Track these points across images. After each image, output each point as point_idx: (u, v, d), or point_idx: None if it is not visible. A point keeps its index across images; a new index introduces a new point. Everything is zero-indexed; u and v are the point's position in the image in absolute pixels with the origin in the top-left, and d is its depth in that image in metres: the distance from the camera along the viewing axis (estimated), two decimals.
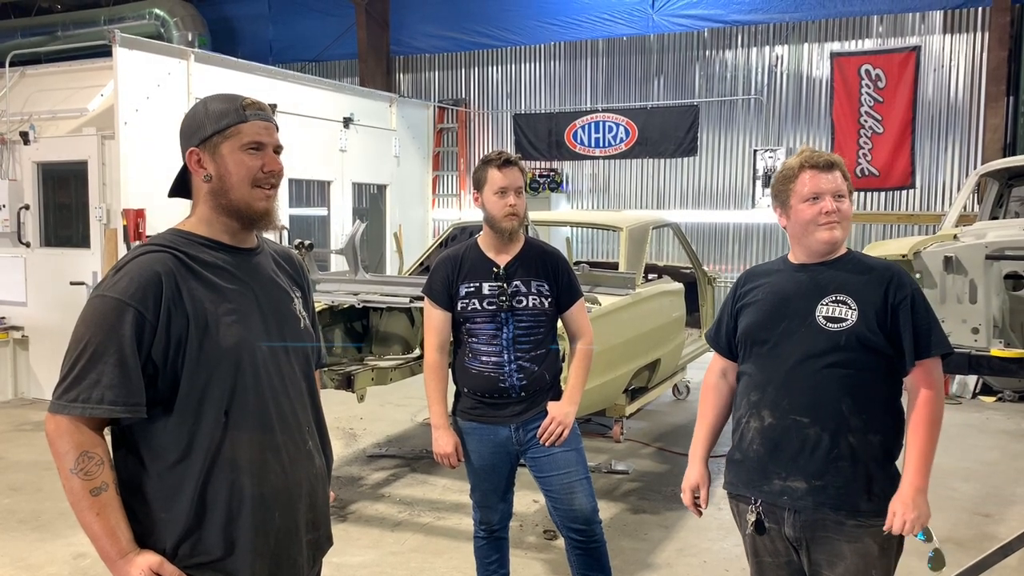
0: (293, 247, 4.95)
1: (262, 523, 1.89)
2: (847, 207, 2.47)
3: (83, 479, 1.77)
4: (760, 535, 2.51)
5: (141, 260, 1.83)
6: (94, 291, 1.85)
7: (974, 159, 9.64)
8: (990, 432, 7.05)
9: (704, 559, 4.50)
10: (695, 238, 10.65)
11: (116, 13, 12.90)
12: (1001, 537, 4.00)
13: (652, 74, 11.31)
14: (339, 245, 9.21)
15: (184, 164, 1.94)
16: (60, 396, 1.78)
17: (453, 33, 12.49)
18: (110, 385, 1.76)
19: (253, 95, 1.99)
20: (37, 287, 7.83)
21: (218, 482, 1.85)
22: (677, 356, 6.74)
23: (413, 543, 4.68)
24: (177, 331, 1.80)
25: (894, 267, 2.48)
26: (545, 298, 3.30)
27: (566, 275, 3.37)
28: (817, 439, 2.39)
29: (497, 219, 3.25)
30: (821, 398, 2.40)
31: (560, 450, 3.29)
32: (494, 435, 3.32)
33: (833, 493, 2.38)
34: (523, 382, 3.28)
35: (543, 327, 3.32)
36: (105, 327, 1.78)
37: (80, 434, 1.77)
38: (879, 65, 9.98)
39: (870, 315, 2.38)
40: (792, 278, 2.51)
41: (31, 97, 8.17)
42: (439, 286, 3.34)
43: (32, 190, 7.86)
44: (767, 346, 2.49)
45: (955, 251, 5.10)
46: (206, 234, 1.92)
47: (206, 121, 1.90)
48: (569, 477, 3.30)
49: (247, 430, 1.88)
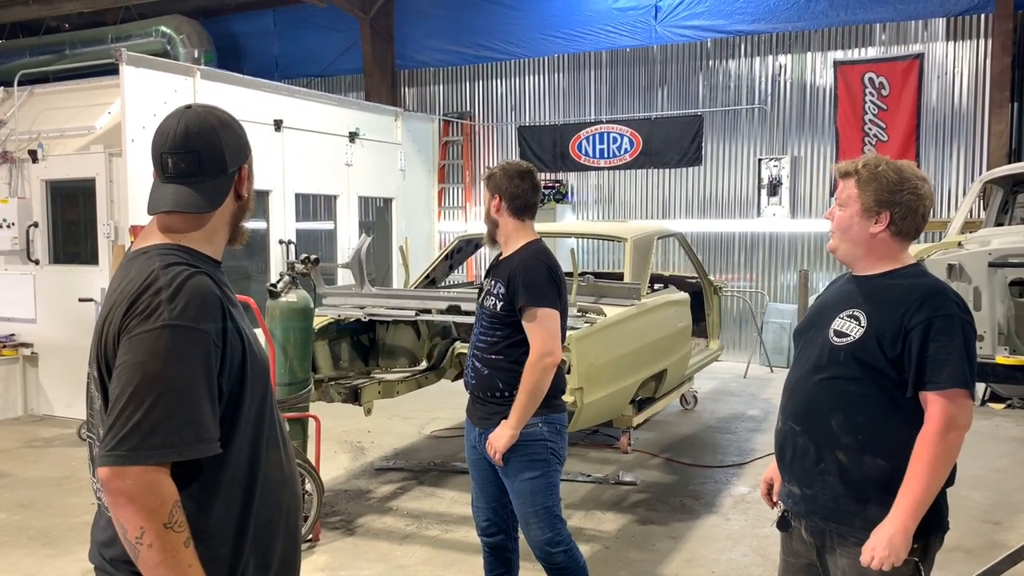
0: (299, 261, 4.98)
1: (296, 532, 1.96)
2: (839, 216, 2.41)
3: (177, 532, 1.61)
4: (783, 531, 2.54)
5: (195, 283, 1.71)
6: (150, 321, 1.66)
7: (979, 166, 9.63)
8: (999, 439, 7.02)
9: (712, 570, 4.49)
10: (700, 248, 10.65)
11: (123, 31, 12.99)
12: (1010, 545, 3.98)
13: (656, 85, 11.34)
14: (345, 259, 9.24)
15: (227, 179, 1.85)
16: (139, 444, 1.58)
17: (457, 47, 12.55)
18: (200, 422, 1.63)
19: (259, 111, 2.00)
20: (46, 304, 7.88)
21: (270, 502, 1.84)
22: (684, 366, 6.74)
23: (421, 556, 4.68)
24: (237, 355, 1.75)
25: (928, 289, 2.29)
26: (499, 300, 3.30)
27: (518, 279, 3.26)
28: (805, 448, 2.42)
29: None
30: (813, 409, 2.40)
31: (516, 478, 3.28)
32: (470, 431, 3.48)
33: (822, 504, 2.38)
34: (473, 381, 3.40)
35: (499, 330, 3.32)
36: (185, 360, 1.64)
37: (166, 483, 1.61)
38: (883, 73, 9.99)
39: (879, 334, 2.28)
40: (841, 288, 2.50)
41: (39, 116, 8.24)
42: None
43: (41, 208, 7.92)
44: (796, 351, 2.55)
45: (959, 259, 5.10)
46: (202, 250, 1.85)
47: (247, 141, 1.91)
48: (524, 508, 3.31)
49: (278, 447, 1.90)
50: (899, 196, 2.32)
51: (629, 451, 6.47)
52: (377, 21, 12.57)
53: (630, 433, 6.45)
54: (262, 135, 8.14)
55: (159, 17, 12.86)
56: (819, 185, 10.47)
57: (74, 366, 7.55)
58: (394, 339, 5.99)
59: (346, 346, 5.76)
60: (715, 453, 6.64)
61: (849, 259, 2.44)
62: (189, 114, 1.84)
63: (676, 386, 6.89)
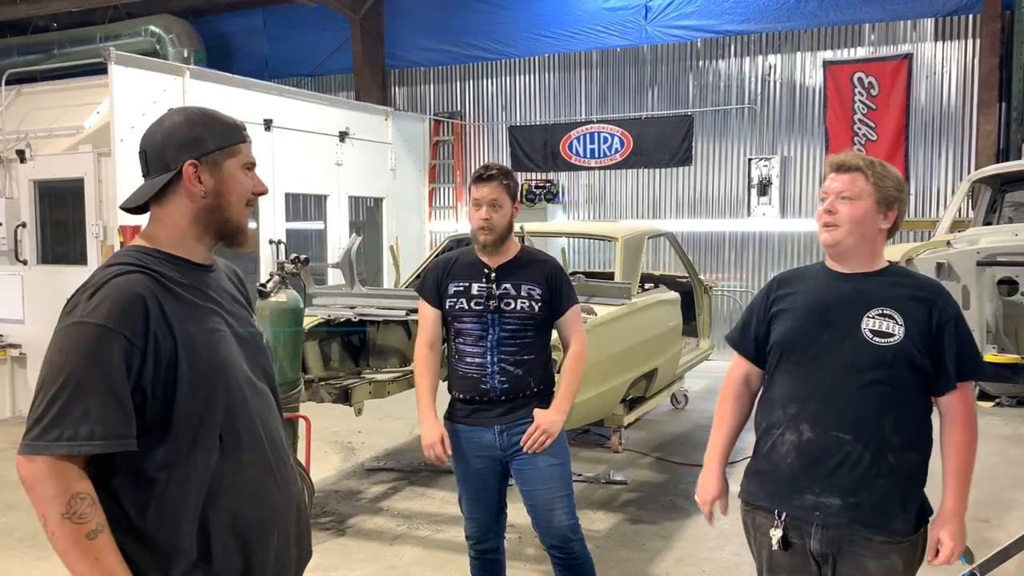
0: (289, 261, 4.96)
1: (265, 544, 1.86)
2: (848, 209, 2.33)
3: (76, 523, 1.62)
4: (785, 551, 2.43)
5: (118, 282, 1.70)
6: (67, 318, 1.69)
7: (967, 165, 9.68)
8: (988, 437, 7.04)
9: (703, 568, 4.50)
10: (691, 247, 10.67)
11: (112, 31, 12.93)
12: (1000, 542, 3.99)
13: (646, 85, 11.36)
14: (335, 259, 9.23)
15: (167, 176, 1.81)
16: (39, 436, 1.62)
17: (448, 46, 12.54)
18: (100, 419, 1.62)
19: (249, 111, 1.99)
20: (34, 305, 7.83)
21: (220, 508, 1.78)
22: (674, 365, 6.75)
23: (412, 556, 4.68)
24: (166, 355, 1.71)
25: (937, 286, 2.42)
26: (536, 302, 3.28)
27: (561, 281, 3.36)
28: (859, 457, 2.31)
29: (473, 231, 3.32)
30: (864, 414, 2.31)
31: (545, 463, 3.26)
32: (478, 438, 3.32)
33: (868, 510, 2.31)
34: (504, 385, 3.27)
35: (531, 331, 3.30)
36: (89, 357, 1.64)
37: (67, 475, 1.62)
38: (872, 73, 10.03)
39: (915, 333, 2.29)
40: (833, 287, 2.40)
41: (27, 115, 8.19)
42: (430, 283, 3.40)
43: (29, 208, 7.88)
44: (807, 356, 2.38)
45: (947, 257, 5.13)
46: (172, 251, 1.82)
47: (206, 135, 1.83)
48: (552, 492, 3.28)
49: (242, 452, 1.82)
50: (902, 195, 2.40)
51: (620, 450, 6.47)
52: (367, 21, 12.55)
53: (621, 432, 6.45)
54: (252, 135, 8.08)
55: (148, 16, 12.81)
56: (809, 185, 10.50)
57: None
58: (385, 339, 5.98)
59: (336, 346, 5.75)
60: (705, 452, 6.64)
61: (853, 253, 2.37)
62: (159, 117, 1.88)
63: (667, 385, 6.90)
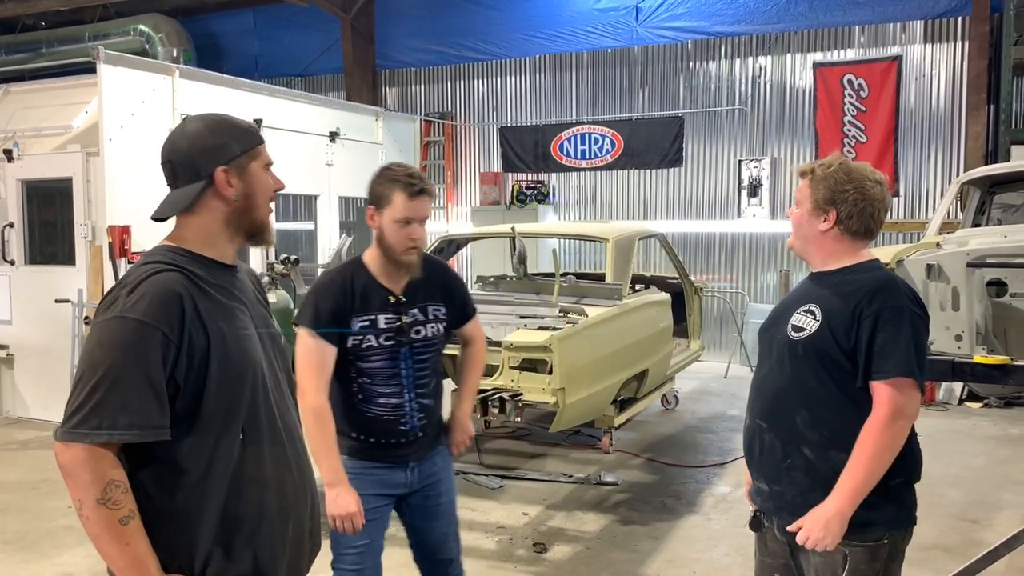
0: (279, 262, 4.95)
1: (281, 536, 1.94)
2: (793, 216, 2.51)
3: (111, 509, 1.70)
4: (756, 531, 2.56)
5: (156, 279, 1.79)
6: (107, 312, 1.78)
7: (956, 167, 9.71)
8: (977, 438, 7.08)
9: (694, 569, 4.50)
10: (681, 248, 10.68)
11: (101, 30, 12.85)
12: (988, 543, 4.01)
13: (637, 86, 11.36)
14: (326, 259, 9.20)
15: (200, 183, 1.89)
16: (79, 424, 1.70)
17: (439, 47, 12.53)
18: (138, 409, 1.71)
19: (239, 111, 2.02)
20: (22, 305, 7.78)
21: (243, 498, 1.86)
22: (665, 366, 6.76)
23: (400, 558, 4.65)
24: (199, 351, 1.80)
25: (880, 281, 2.35)
26: (442, 323, 2.97)
27: (460, 292, 3.07)
28: (771, 445, 2.43)
29: (396, 251, 2.80)
30: (778, 406, 2.43)
31: (446, 500, 3.10)
32: (388, 477, 2.93)
33: (790, 500, 2.39)
34: (423, 421, 2.93)
35: (436, 354, 3.00)
36: (128, 350, 1.73)
37: (103, 462, 1.71)
38: (861, 75, 10.06)
39: (832, 326, 2.31)
40: (800, 287, 2.57)
41: (15, 114, 8.13)
42: (326, 317, 2.78)
43: (16, 208, 7.82)
44: (763, 351, 2.57)
45: (937, 259, 5.15)
46: (203, 252, 1.92)
47: (230, 140, 1.93)
48: (448, 527, 3.14)
49: (263, 445, 1.91)
50: (845, 195, 2.38)
51: (611, 451, 6.48)
52: (358, 21, 12.52)
53: (612, 433, 6.46)
54: None
55: (137, 15, 12.73)
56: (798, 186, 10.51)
57: (51, 368, 7.47)
58: None
59: None
60: (696, 453, 6.66)
61: (803, 255, 2.53)
62: (178, 126, 1.96)
63: (657, 386, 6.91)
